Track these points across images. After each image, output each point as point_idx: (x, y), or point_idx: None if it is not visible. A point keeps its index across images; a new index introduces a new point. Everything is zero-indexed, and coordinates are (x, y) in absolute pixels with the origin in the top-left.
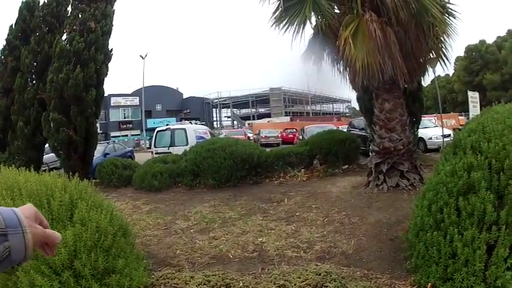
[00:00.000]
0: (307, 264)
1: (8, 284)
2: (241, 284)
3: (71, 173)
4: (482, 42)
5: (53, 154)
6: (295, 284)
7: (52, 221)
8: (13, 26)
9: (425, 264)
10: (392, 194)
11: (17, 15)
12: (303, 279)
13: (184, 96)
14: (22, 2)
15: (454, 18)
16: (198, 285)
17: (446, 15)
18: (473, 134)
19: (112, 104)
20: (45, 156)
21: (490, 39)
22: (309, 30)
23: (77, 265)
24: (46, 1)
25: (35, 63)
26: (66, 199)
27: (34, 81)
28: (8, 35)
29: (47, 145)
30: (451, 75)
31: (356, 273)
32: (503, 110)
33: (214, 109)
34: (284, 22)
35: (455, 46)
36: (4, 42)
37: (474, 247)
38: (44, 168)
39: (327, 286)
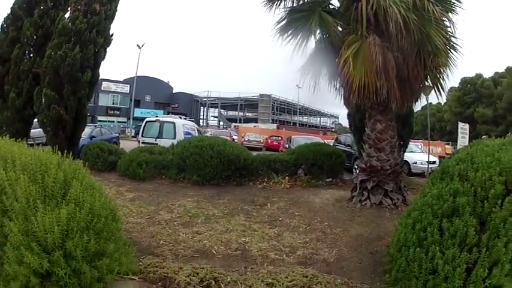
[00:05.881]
0: (292, 267)
1: None
2: (229, 279)
3: (57, 151)
4: (479, 75)
5: (39, 129)
6: (282, 283)
7: (45, 198)
8: None
9: (405, 277)
10: (375, 211)
11: None
12: (291, 279)
13: (174, 91)
14: None
15: (456, 51)
16: (187, 276)
17: (448, 47)
18: (462, 163)
19: (102, 89)
20: (31, 131)
21: (486, 74)
22: (310, 44)
23: (69, 245)
24: None
25: (35, 37)
26: (60, 177)
27: (32, 54)
28: (13, 4)
29: (35, 119)
30: (442, 104)
31: (337, 280)
32: (493, 144)
33: (202, 107)
34: (288, 33)
35: (451, 77)
36: (9, 11)
37: (454, 265)
38: (30, 143)
39: None
